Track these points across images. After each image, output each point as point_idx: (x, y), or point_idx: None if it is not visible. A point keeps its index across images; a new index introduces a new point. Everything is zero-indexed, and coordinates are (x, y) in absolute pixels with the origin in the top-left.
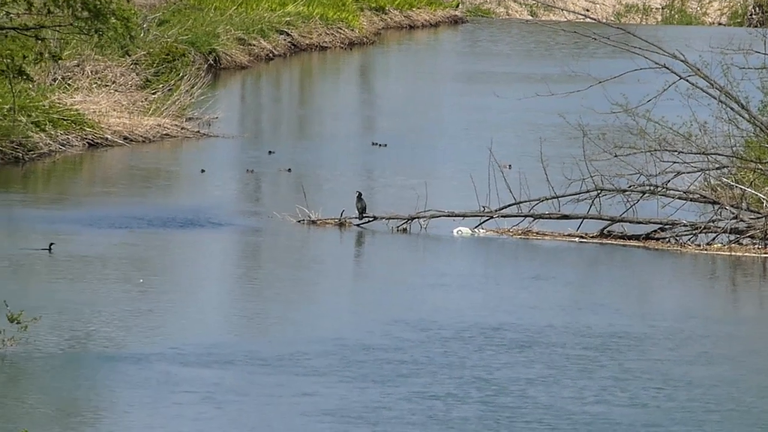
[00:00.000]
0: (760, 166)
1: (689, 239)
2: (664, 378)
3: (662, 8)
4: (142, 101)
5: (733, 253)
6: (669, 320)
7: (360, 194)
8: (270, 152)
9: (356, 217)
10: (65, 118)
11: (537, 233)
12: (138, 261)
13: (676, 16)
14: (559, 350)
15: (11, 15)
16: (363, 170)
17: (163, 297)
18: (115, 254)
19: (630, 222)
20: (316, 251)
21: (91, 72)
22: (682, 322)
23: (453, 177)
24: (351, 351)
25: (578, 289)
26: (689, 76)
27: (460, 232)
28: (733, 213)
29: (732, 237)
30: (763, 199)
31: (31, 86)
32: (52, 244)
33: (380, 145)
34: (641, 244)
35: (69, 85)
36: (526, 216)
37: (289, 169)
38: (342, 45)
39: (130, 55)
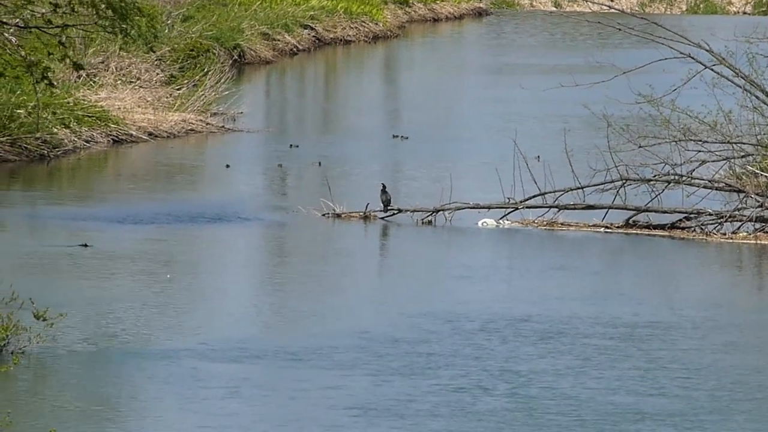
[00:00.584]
0: None
1: (714, 228)
2: (690, 367)
3: None
4: (166, 97)
5: (758, 242)
6: (695, 309)
7: (384, 187)
8: (291, 146)
9: (381, 210)
10: (90, 114)
11: (562, 224)
12: (165, 256)
13: (701, 5)
14: (585, 341)
15: (36, 13)
16: (387, 163)
17: (190, 292)
18: (142, 250)
19: (655, 212)
20: (342, 245)
21: (116, 68)
22: (708, 310)
23: (478, 169)
24: (377, 344)
25: (604, 279)
26: (714, 65)
27: (485, 224)
28: (759, 201)
29: (757, 225)
30: None
31: (55, 83)
32: (85, 244)
33: (402, 137)
34: (666, 233)
35: (94, 81)
36: (551, 207)
37: (320, 163)
38: (366, 39)
39: (154, 52)
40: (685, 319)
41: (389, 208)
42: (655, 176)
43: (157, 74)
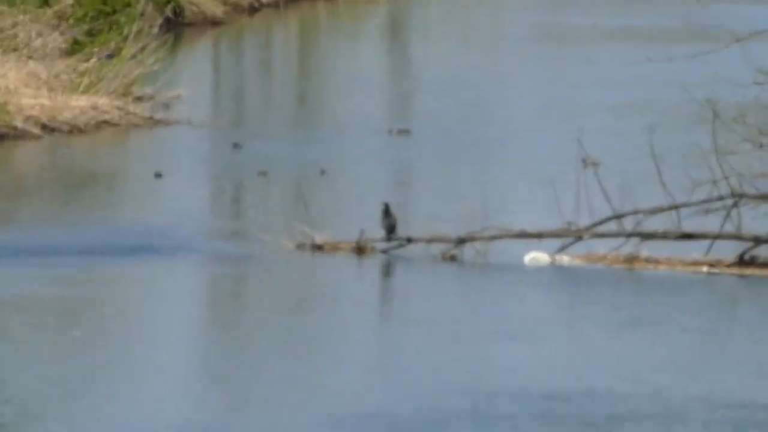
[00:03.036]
0: None
1: None
2: None
3: None
4: (68, 73)
5: None
6: None
7: (387, 207)
8: (236, 145)
9: (382, 240)
10: None
11: (647, 260)
12: (72, 306)
13: None
14: (679, 429)
15: None
16: (390, 171)
17: (109, 357)
18: (39, 296)
19: None
20: (326, 289)
21: None
22: None
23: (523, 180)
24: (375, 431)
25: (707, 340)
26: None
27: (534, 260)
28: None
29: None
30: None
31: None
32: None
33: (400, 131)
34: None
35: None
36: (630, 235)
37: (323, 171)
38: None
39: (50, 6)
40: None
41: (394, 236)
42: None
43: (55, 39)
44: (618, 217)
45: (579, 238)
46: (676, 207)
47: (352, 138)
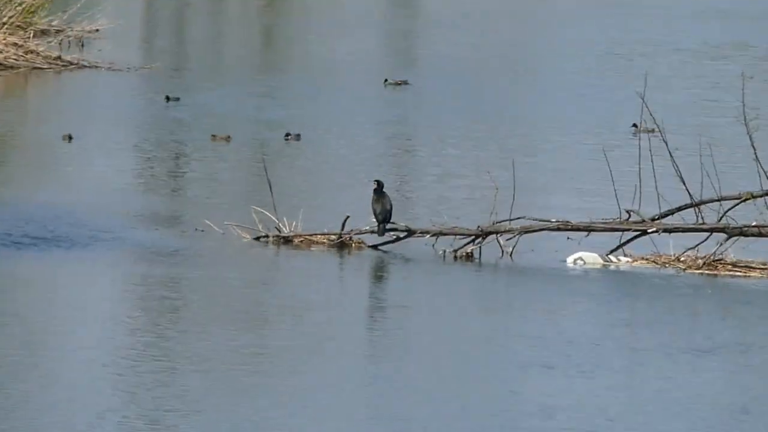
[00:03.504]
0: None
1: None
2: None
3: None
4: None
5: None
6: None
7: (380, 186)
8: (169, 98)
9: (372, 231)
10: None
11: (734, 266)
12: None
13: None
14: None
15: None
16: (383, 136)
17: (8, 382)
18: None
19: None
20: (295, 297)
21: None
22: None
23: (563, 153)
24: None
25: None
26: None
27: (580, 262)
28: None
29: None
30: None
31: None
32: None
33: (397, 83)
34: None
35: None
36: (711, 230)
37: (293, 135)
38: None
39: None
40: None
41: (389, 226)
42: None
43: None
44: (695, 205)
45: (642, 233)
46: None
47: (333, 91)
